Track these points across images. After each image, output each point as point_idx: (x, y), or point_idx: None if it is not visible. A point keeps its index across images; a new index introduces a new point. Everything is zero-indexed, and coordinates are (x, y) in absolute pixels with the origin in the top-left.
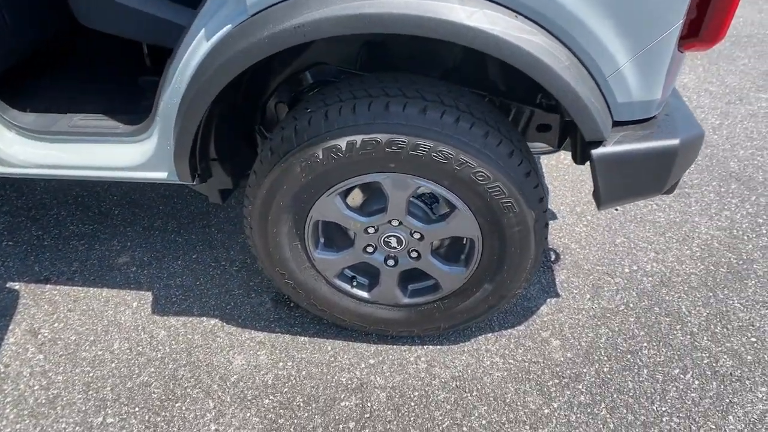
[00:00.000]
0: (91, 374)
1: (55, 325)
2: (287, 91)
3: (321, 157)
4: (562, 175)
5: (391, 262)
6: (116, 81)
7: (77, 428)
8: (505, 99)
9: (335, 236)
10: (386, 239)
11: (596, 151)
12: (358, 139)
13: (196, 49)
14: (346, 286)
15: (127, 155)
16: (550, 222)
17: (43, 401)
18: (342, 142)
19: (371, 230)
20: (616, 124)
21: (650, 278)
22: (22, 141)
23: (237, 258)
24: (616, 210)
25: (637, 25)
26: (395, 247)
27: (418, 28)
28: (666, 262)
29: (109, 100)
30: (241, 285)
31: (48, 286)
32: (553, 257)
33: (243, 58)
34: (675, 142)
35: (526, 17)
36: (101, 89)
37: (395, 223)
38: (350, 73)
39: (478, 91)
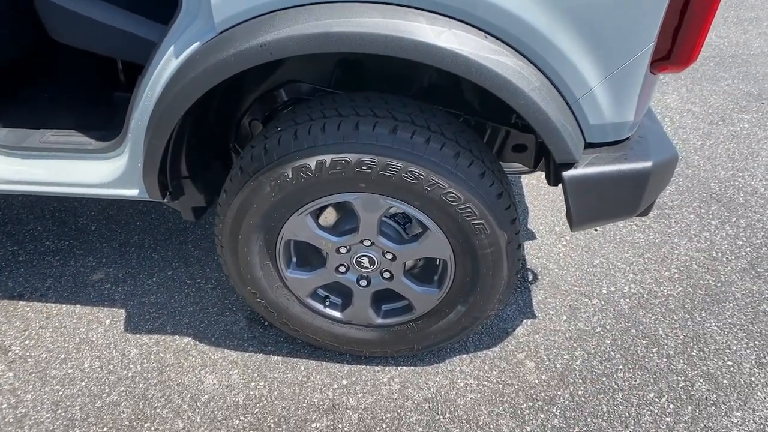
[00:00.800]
0: (60, 393)
1: (26, 342)
2: (261, 109)
3: (290, 176)
4: (542, 194)
5: (363, 283)
6: (92, 96)
7: None
8: (480, 119)
9: (309, 254)
10: (358, 259)
11: (567, 173)
12: (328, 158)
13: (165, 66)
14: (319, 306)
15: (98, 172)
16: (529, 242)
17: (11, 420)
18: (311, 162)
19: (343, 250)
20: (589, 145)
21: (628, 300)
22: None
23: (212, 275)
24: (596, 230)
25: (609, 47)
26: (367, 268)
27: (385, 47)
28: (644, 284)
29: (83, 116)
30: (215, 303)
31: (21, 302)
32: (530, 277)
33: (210, 76)
34: (647, 164)
35: (496, 38)
36: (76, 104)
37: (367, 243)
38: (325, 91)
39: (453, 111)
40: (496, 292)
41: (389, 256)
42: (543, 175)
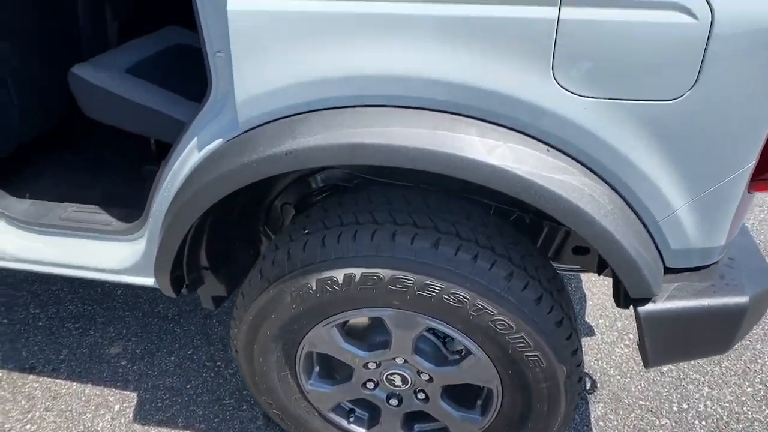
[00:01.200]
0: None
1: (27, 426)
2: (294, 192)
3: (314, 288)
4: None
5: (394, 402)
6: (123, 168)
7: None
8: (536, 216)
9: (333, 363)
10: (389, 376)
11: (644, 309)
12: (357, 272)
13: (188, 157)
14: (343, 422)
15: (115, 256)
16: (587, 338)
17: None
18: (338, 275)
19: (372, 365)
20: (668, 270)
21: (703, 422)
22: (9, 230)
23: (233, 358)
24: None
25: (698, 165)
26: (399, 386)
27: (428, 164)
28: (722, 402)
29: (109, 190)
30: (233, 392)
31: (31, 376)
32: (589, 385)
33: (230, 182)
34: (742, 299)
35: (560, 151)
36: (104, 177)
37: (400, 360)
38: (362, 177)
39: (505, 206)
40: (550, 429)
41: (425, 377)
42: None
